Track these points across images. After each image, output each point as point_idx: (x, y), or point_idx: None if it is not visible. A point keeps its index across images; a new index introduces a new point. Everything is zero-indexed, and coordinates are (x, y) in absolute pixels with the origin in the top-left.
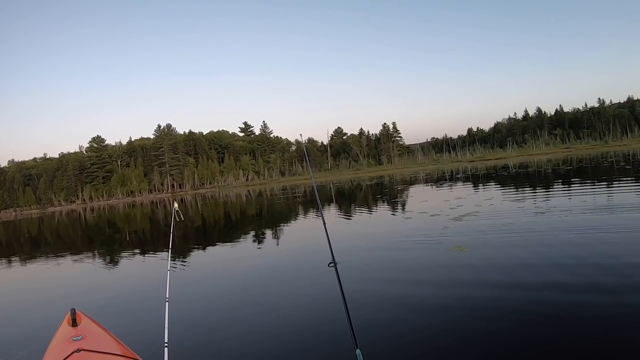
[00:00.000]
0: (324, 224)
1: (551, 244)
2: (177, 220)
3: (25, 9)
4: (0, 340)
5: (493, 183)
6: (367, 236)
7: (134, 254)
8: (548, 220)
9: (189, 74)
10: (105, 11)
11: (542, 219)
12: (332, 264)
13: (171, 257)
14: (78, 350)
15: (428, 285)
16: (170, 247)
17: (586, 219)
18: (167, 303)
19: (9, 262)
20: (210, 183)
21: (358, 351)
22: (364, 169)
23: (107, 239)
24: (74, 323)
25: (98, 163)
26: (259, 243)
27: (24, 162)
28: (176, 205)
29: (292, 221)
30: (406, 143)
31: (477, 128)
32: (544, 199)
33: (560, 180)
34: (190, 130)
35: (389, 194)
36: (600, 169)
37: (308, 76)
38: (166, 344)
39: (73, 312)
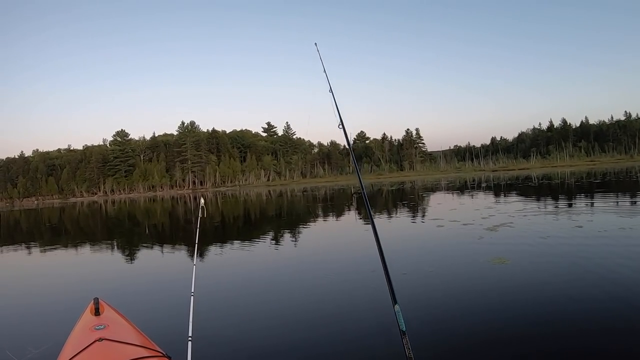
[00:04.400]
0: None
1: (592, 258)
2: (203, 215)
3: (52, 8)
4: (26, 326)
5: (519, 194)
6: (400, 243)
7: (157, 247)
8: (587, 234)
9: (215, 73)
10: (130, 5)
11: (581, 232)
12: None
13: (196, 252)
14: (100, 339)
15: (472, 296)
16: (196, 241)
17: (626, 233)
18: (192, 297)
19: (31, 249)
20: (231, 181)
21: None
22: (385, 173)
23: (128, 232)
24: (96, 312)
25: (121, 156)
26: (282, 241)
27: (48, 153)
28: (203, 200)
29: (316, 221)
30: (429, 150)
31: (501, 137)
32: (577, 211)
33: (588, 194)
34: (213, 128)
35: (414, 200)
36: (627, 184)
37: (332, 79)
38: (190, 338)
39: (96, 301)
